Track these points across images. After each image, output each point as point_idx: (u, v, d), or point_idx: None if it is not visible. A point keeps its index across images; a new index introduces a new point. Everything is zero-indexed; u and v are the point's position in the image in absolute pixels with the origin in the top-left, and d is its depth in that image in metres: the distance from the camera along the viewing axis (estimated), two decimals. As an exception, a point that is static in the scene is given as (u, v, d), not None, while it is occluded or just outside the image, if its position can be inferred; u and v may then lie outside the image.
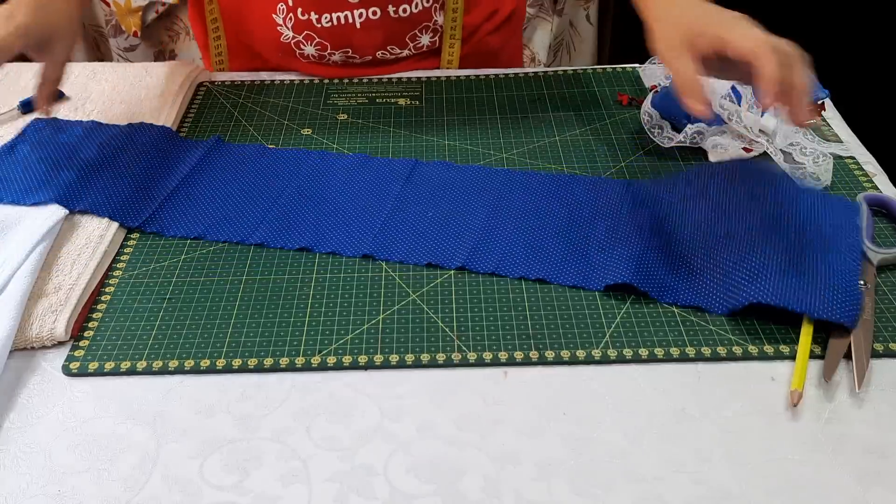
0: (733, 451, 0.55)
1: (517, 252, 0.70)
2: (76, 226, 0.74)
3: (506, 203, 0.76)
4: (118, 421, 0.58)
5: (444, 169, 0.82)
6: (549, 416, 0.58)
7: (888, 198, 0.76)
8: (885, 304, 0.66)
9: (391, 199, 0.77)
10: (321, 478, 0.54)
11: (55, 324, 0.64)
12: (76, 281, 0.68)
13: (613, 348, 0.62)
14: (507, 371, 0.61)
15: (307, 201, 0.78)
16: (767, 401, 0.59)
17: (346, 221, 0.75)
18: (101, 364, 0.62)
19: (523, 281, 0.69)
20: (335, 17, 0.96)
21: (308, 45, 0.99)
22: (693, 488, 0.53)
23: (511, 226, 0.73)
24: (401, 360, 0.62)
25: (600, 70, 1.01)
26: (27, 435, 0.57)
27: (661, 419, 0.57)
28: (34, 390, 0.61)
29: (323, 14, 0.96)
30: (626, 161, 0.84)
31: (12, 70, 1.00)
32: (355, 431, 0.57)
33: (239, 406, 0.59)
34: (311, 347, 0.63)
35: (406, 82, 0.99)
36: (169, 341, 0.64)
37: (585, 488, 0.53)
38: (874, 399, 0.59)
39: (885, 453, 0.55)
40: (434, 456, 0.55)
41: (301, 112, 0.94)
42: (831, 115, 0.90)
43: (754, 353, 0.62)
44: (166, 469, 0.55)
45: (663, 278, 0.67)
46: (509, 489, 0.53)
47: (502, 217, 0.74)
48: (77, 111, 0.92)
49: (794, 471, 0.54)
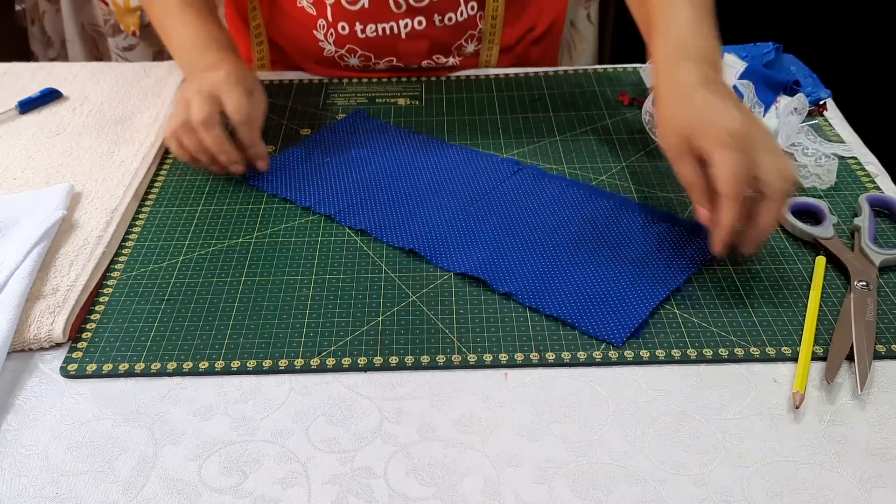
0: (735, 453, 0.55)
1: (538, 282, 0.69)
2: (74, 227, 0.74)
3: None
4: (116, 423, 0.58)
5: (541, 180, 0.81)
6: (550, 418, 0.57)
7: (890, 198, 0.75)
8: (888, 305, 0.66)
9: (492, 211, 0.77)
10: (320, 480, 0.54)
11: (53, 325, 0.64)
12: (74, 282, 0.68)
13: (615, 350, 0.62)
14: (507, 373, 0.61)
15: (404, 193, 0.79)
16: (769, 402, 0.58)
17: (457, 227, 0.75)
18: (99, 366, 0.62)
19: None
20: (380, 28, 0.95)
21: (352, 57, 0.99)
22: (694, 490, 0.53)
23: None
24: (401, 362, 0.62)
25: (601, 70, 1.00)
26: (25, 437, 0.57)
27: (663, 421, 0.57)
28: (32, 392, 0.60)
29: (367, 24, 0.95)
30: (626, 161, 0.83)
31: (10, 70, 1.00)
32: (355, 433, 0.57)
33: (238, 408, 0.59)
34: (310, 349, 0.63)
35: (406, 82, 0.99)
36: (167, 343, 0.64)
37: (586, 490, 0.53)
38: (876, 401, 0.58)
39: (888, 455, 0.55)
40: (434, 458, 0.55)
41: (301, 112, 0.93)
42: (833, 116, 0.90)
43: (756, 354, 0.62)
44: (164, 471, 0.54)
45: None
46: (510, 491, 0.53)
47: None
48: (75, 111, 0.92)
49: (796, 473, 0.54)
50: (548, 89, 0.96)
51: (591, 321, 0.64)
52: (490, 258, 0.70)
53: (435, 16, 0.95)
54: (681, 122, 0.66)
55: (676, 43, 0.70)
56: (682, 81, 0.68)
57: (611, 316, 0.64)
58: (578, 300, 0.66)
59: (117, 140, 0.86)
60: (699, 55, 0.69)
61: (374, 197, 0.79)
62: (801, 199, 0.76)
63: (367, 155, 0.85)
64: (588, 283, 0.67)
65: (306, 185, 0.81)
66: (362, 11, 0.94)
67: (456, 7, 0.95)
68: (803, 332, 0.63)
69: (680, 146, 0.66)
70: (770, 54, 0.89)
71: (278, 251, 0.73)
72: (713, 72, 0.68)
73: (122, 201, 0.77)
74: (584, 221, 0.74)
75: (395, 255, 0.72)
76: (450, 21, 0.96)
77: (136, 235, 0.75)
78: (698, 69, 0.68)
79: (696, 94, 0.66)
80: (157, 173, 0.84)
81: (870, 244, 0.70)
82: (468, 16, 0.97)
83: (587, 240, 0.72)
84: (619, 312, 0.65)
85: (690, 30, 0.71)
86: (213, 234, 0.75)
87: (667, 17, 0.72)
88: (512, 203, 0.77)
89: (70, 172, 0.82)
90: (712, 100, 0.65)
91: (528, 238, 0.72)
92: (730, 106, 0.65)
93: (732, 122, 0.63)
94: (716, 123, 0.64)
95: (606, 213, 0.75)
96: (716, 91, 0.66)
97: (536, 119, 0.91)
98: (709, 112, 0.65)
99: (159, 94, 0.94)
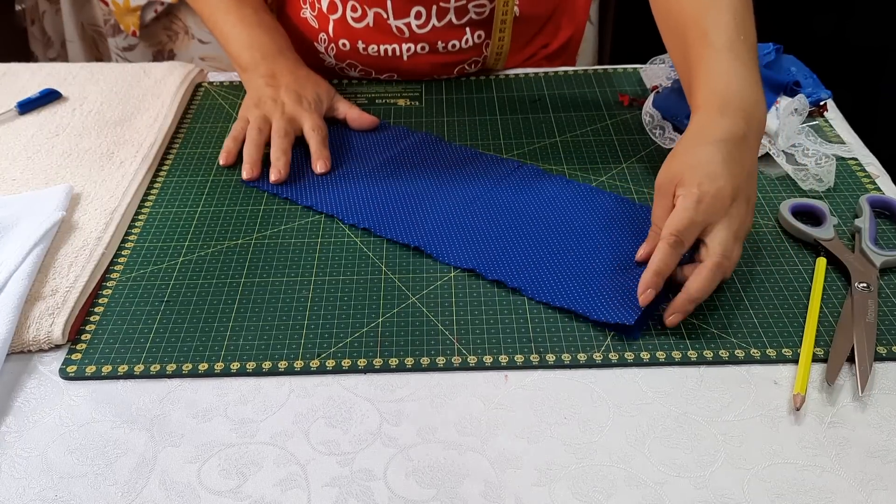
0: (735, 455, 0.55)
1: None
2: (74, 228, 0.74)
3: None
4: (115, 425, 0.58)
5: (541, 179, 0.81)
6: (550, 420, 0.57)
7: (891, 199, 0.75)
8: (889, 306, 0.65)
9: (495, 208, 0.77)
10: (320, 482, 0.54)
11: (52, 327, 0.63)
12: (73, 283, 0.67)
13: (615, 351, 0.62)
14: (507, 374, 0.61)
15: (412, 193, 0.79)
16: (770, 404, 0.58)
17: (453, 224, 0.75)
18: (98, 367, 0.62)
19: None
20: (381, 49, 0.96)
21: (352, 70, 0.99)
22: (695, 493, 0.52)
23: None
24: (400, 364, 0.62)
25: (601, 70, 1.00)
26: (24, 439, 0.57)
27: (663, 423, 0.57)
28: (31, 394, 0.60)
29: (370, 44, 0.95)
30: (626, 162, 0.83)
31: (10, 70, 1.00)
32: (354, 435, 0.57)
33: (237, 410, 0.59)
34: (309, 350, 0.63)
35: (406, 83, 0.99)
36: (167, 344, 0.64)
37: (587, 493, 0.53)
38: (877, 402, 0.58)
39: (889, 457, 0.54)
40: (434, 460, 0.55)
41: (300, 113, 0.93)
42: (833, 117, 0.89)
43: (757, 356, 0.61)
44: (164, 473, 0.54)
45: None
46: (510, 493, 0.53)
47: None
48: (74, 112, 0.91)
49: (796, 475, 0.53)
50: (548, 90, 0.96)
51: (601, 307, 0.64)
52: (495, 254, 0.70)
53: (439, 43, 0.95)
54: (676, 166, 0.67)
55: (716, 96, 0.69)
56: (703, 133, 0.67)
57: (620, 299, 0.64)
58: (587, 290, 0.66)
59: (117, 141, 0.86)
60: (737, 106, 0.68)
61: (375, 195, 0.79)
62: (802, 201, 0.76)
63: (367, 153, 0.85)
64: (595, 273, 0.68)
65: (306, 184, 0.81)
66: (366, 30, 0.94)
67: (461, 35, 0.95)
68: (804, 333, 0.63)
69: (663, 186, 0.67)
70: (770, 55, 0.89)
71: (278, 252, 0.72)
72: (744, 126, 0.67)
73: (121, 202, 0.77)
74: (587, 216, 0.75)
75: (395, 257, 0.72)
76: (454, 48, 0.96)
77: (136, 236, 0.75)
78: (728, 125, 0.67)
79: (706, 149, 0.66)
80: (156, 174, 0.84)
81: (870, 245, 0.69)
82: (474, 44, 0.96)
83: (591, 233, 0.72)
84: (627, 295, 0.65)
85: (732, 79, 0.69)
86: (212, 236, 0.75)
87: (708, 64, 0.70)
88: (515, 200, 0.77)
89: (69, 173, 0.81)
90: (714, 158, 0.65)
91: (532, 233, 0.73)
92: (727, 169, 0.64)
93: (712, 184, 0.64)
94: (698, 177, 0.64)
95: (609, 208, 0.76)
96: (727, 151, 0.65)
97: (536, 120, 0.91)
98: (702, 165, 0.65)
99: (159, 95, 0.94)
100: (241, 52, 0.91)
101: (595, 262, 0.69)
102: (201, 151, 0.87)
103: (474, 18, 0.94)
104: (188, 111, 0.94)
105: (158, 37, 1.76)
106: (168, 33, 1.78)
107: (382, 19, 0.93)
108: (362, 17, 0.93)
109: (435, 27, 0.93)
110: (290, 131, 0.84)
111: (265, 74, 0.88)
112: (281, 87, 0.87)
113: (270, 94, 0.86)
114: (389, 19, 0.92)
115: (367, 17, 0.92)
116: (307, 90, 0.88)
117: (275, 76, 0.88)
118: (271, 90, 0.87)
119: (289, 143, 0.83)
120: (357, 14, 0.92)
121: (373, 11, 0.92)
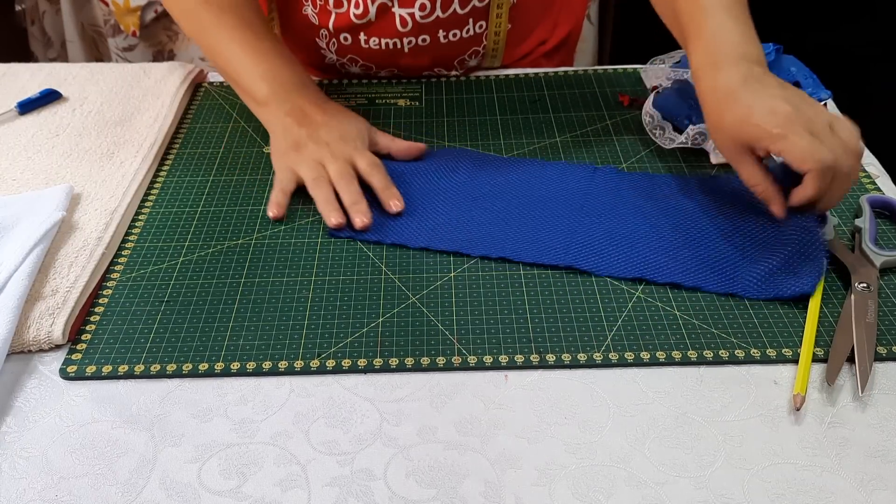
0: (735, 456, 0.55)
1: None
2: (74, 228, 0.74)
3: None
4: (116, 425, 0.58)
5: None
6: (551, 420, 0.57)
7: (891, 199, 0.75)
8: (889, 306, 0.65)
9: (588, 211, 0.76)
10: (320, 482, 0.54)
11: (52, 327, 0.63)
12: (74, 283, 0.68)
13: (615, 351, 0.62)
14: (507, 374, 0.61)
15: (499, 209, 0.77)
16: (770, 404, 0.58)
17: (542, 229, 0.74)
18: (98, 367, 0.62)
19: (524, 283, 0.68)
20: (383, 42, 0.95)
21: (353, 66, 0.99)
22: (695, 493, 0.52)
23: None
24: (400, 364, 0.62)
25: (601, 70, 1.00)
26: (24, 439, 0.57)
27: (663, 423, 0.57)
28: (31, 394, 0.60)
29: (371, 38, 0.95)
30: (627, 162, 0.83)
31: (10, 70, 1.00)
32: (355, 435, 0.57)
33: (237, 410, 0.59)
34: (310, 350, 0.63)
35: (406, 83, 0.99)
36: (167, 344, 0.64)
37: (587, 493, 0.53)
38: (878, 403, 0.58)
39: (889, 457, 0.54)
40: (434, 460, 0.55)
41: (300, 113, 0.93)
42: (833, 116, 0.89)
43: (757, 356, 0.61)
44: (164, 473, 0.54)
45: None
46: (510, 494, 0.53)
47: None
48: (74, 112, 0.91)
49: (796, 475, 0.53)
50: (548, 90, 0.96)
51: (774, 286, 0.66)
52: (659, 257, 0.70)
53: (440, 31, 0.95)
54: (731, 128, 0.66)
55: (712, 48, 0.69)
56: (722, 86, 0.67)
57: (792, 273, 0.66)
58: (754, 272, 0.67)
59: (117, 141, 0.86)
60: (738, 54, 0.68)
61: (458, 218, 0.75)
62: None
63: (426, 177, 0.80)
64: (752, 254, 0.69)
65: (385, 222, 0.75)
66: (368, 25, 0.94)
67: (464, 25, 0.95)
68: (804, 333, 0.63)
69: (736, 151, 0.66)
70: (770, 55, 0.88)
71: (278, 252, 0.72)
72: (756, 67, 0.67)
73: (121, 202, 0.77)
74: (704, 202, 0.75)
75: (395, 257, 0.72)
76: (454, 37, 0.96)
77: (136, 236, 0.75)
78: (739, 69, 0.67)
79: (740, 95, 0.66)
80: (156, 174, 0.84)
81: (870, 245, 0.69)
82: (474, 33, 0.96)
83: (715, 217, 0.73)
84: (797, 265, 0.66)
85: (726, 32, 0.70)
86: (212, 236, 0.75)
87: (699, 24, 0.71)
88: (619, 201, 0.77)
89: (70, 173, 0.82)
90: (754, 96, 0.65)
91: (656, 228, 0.73)
92: (774, 93, 0.65)
93: (779, 111, 0.64)
94: (765, 120, 0.64)
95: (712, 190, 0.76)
96: (757, 84, 0.66)
97: (536, 120, 0.91)
98: (755, 110, 0.65)
99: (159, 95, 0.94)
100: (256, 84, 0.82)
101: (741, 244, 0.70)
102: (201, 151, 0.87)
103: (477, 6, 0.94)
104: (188, 111, 0.94)
105: (158, 37, 1.77)
106: (168, 33, 1.78)
107: (386, 10, 0.92)
108: (364, 13, 0.92)
109: (438, 17, 0.93)
110: (352, 172, 0.77)
111: (291, 112, 0.81)
112: (317, 125, 0.80)
113: (308, 133, 0.79)
114: (394, 7, 0.92)
115: (370, 13, 0.92)
116: (346, 126, 0.81)
117: (305, 113, 0.81)
118: (306, 130, 0.79)
119: (357, 185, 0.76)
120: (359, 11, 0.92)
121: (377, 3, 0.92)
